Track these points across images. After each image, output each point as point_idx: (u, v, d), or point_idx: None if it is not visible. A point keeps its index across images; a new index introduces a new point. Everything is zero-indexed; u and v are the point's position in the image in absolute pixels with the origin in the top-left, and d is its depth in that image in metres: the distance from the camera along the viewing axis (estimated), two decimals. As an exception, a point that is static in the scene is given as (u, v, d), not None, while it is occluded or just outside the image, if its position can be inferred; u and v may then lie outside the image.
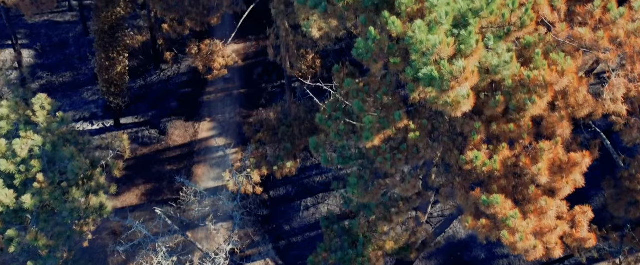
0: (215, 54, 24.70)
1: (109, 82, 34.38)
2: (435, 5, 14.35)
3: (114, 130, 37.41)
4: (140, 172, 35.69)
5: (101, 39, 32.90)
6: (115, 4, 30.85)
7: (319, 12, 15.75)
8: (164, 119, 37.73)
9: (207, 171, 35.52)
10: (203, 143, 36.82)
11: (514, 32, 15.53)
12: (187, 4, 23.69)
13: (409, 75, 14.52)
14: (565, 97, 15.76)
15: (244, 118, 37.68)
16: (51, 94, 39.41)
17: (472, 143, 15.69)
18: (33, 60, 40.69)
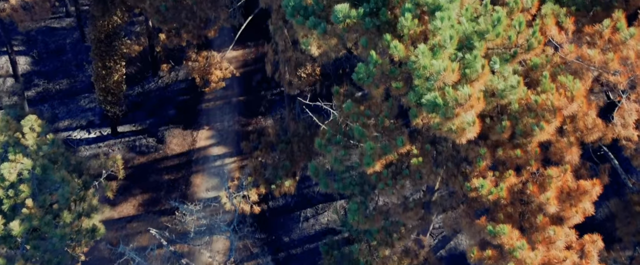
0: (213, 67, 23.94)
1: (106, 90, 33.65)
2: (439, 28, 13.60)
3: (111, 139, 36.69)
4: (137, 181, 34.96)
5: (98, 47, 32.14)
6: (112, 12, 30.08)
7: (317, 33, 15.01)
8: (161, 127, 36.98)
9: (206, 180, 34.80)
10: (201, 152, 36.07)
11: (521, 54, 14.80)
12: (184, 16, 22.94)
13: (411, 100, 13.79)
14: (574, 120, 15.04)
15: (243, 126, 36.92)
16: (47, 101, 38.70)
17: (477, 169, 14.98)
18: (29, 67, 39.91)
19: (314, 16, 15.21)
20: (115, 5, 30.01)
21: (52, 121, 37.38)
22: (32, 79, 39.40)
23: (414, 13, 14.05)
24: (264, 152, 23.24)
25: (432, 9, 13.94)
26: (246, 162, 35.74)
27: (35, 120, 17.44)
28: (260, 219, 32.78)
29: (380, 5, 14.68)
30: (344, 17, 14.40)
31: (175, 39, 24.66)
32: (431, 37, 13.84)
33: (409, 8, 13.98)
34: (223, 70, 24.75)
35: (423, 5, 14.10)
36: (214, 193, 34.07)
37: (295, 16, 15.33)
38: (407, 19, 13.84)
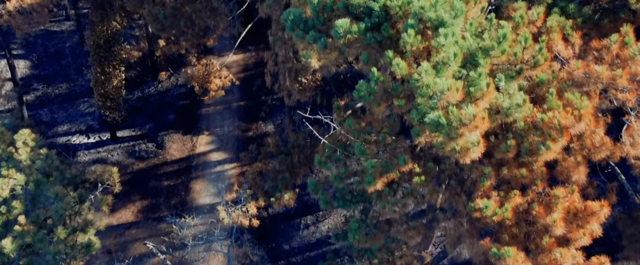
0: (212, 75, 23.44)
1: (105, 96, 33.18)
2: (442, 45, 13.10)
3: (110, 144, 36.22)
4: (136, 187, 34.49)
5: (97, 53, 31.67)
6: (111, 18, 29.58)
7: (318, 47, 14.51)
8: (161, 132, 36.50)
9: (205, 187, 34.31)
10: (201, 157, 35.59)
11: (527, 70, 14.29)
12: (182, 24, 22.44)
13: (414, 118, 13.29)
14: (581, 139, 14.54)
15: (243, 132, 36.42)
16: (47, 105, 38.24)
17: (481, 189, 14.49)
18: (29, 71, 39.44)
19: (314, 30, 14.71)
20: (114, 10, 29.53)
21: (51, 126, 36.94)
22: (32, 83, 38.92)
23: (417, 29, 13.56)
24: (263, 163, 22.73)
25: (436, 25, 13.44)
26: (246, 168, 35.32)
27: (28, 135, 16.98)
28: (260, 226, 32.31)
29: (382, 20, 14.18)
30: (344, 33, 13.90)
31: (174, 47, 24.15)
32: (434, 54, 13.34)
33: (411, 24, 13.47)
34: (222, 78, 24.24)
35: (426, 21, 13.59)
36: (213, 199, 33.60)
37: (295, 30, 14.83)
38: (409, 35, 13.34)
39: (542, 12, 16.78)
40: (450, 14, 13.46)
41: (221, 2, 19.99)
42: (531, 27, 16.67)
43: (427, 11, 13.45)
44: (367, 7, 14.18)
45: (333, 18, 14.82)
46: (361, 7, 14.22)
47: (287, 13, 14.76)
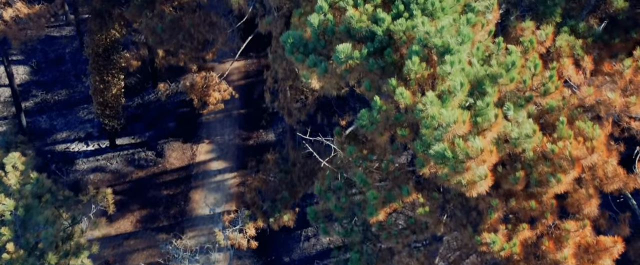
0: (211, 88, 22.70)
1: (104, 104, 32.45)
2: (448, 73, 12.34)
3: (109, 152, 35.50)
4: (135, 196, 33.80)
5: (95, 61, 30.91)
6: (110, 27, 28.83)
7: (318, 72, 13.76)
8: (161, 140, 35.76)
9: (205, 196, 33.60)
10: (201, 166, 34.86)
11: (536, 97, 13.53)
12: (181, 38, 21.69)
13: (418, 150, 12.55)
14: (593, 169, 13.78)
15: (244, 140, 35.68)
16: (46, 112, 37.51)
17: (488, 221, 13.75)
18: (28, 76, 38.70)
19: (314, 54, 13.96)
20: (113, 19, 28.77)
21: (49, 133, 36.24)
22: (31, 89, 38.19)
23: (422, 55, 12.79)
24: (262, 181, 21.99)
25: (442, 51, 12.68)
26: (247, 177, 34.59)
27: (18, 158, 16.25)
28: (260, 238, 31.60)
29: (385, 45, 13.42)
30: (346, 58, 13.14)
31: (172, 59, 23.39)
32: (440, 82, 12.58)
33: (416, 50, 12.70)
34: (221, 91, 23.49)
35: (431, 47, 12.83)
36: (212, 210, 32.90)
37: (294, 53, 14.08)
38: (414, 62, 12.57)
39: (551, 32, 16.02)
40: (456, 39, 12.69)
41: (220, 16, 19.25)
42: (540, 47, 15.92)
43: (433, 37, 12.69)
44: (370, 31, 13.43)
45: (334, 41, 14.07)
46: (363, 31, 13.47)
47: (287, 36, 14.01)
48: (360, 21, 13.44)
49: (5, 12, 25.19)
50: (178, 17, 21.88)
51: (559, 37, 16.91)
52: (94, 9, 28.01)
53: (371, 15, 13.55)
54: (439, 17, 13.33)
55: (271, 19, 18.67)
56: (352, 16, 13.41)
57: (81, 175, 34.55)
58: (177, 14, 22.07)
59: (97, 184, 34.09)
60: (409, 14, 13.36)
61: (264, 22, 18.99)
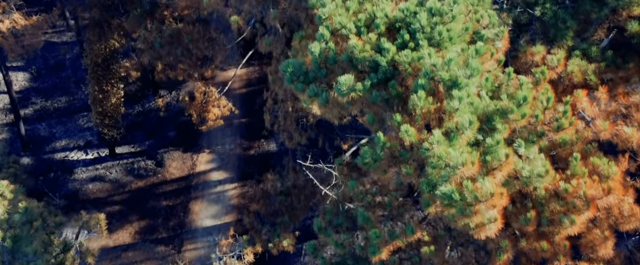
0: (210, 104, 21.86)
1: (103, 114, 31.66)
2: (456, 109, 11.49)
3: (109, 161, 34.72)
4: (134, 207, 33.01)
5: (94, 71, 30.11)
6: (109, 37, 28.01)
7: (318, 102, 12.92)
8: (161, 149, 34.94)
9: (205, 208, 32.79)
10: (201, 176, 34.03)
11: (548, 132, 12.67)
12: (179, 53, 20.85)
13: (424, 189, 11.72)
14: (608, 207, 12.93)
15: (245, 150, 34.85)
16: (45, 120, 36.72)
17: (497, 263, 12.90)
18: (28, 83, 37.92)
19: (315, 83, 13.12)
20: (112, 29, 27.96)
21: (49, 141, 35.47)
22: (30, 96, 37.41)
23: (428, 88, 11.94)
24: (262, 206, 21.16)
25: (449, 85, 11.83)
26: (247, 188, 33.74)
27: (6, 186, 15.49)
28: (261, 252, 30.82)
29: (389, 76, 12.56)
30: (348, 90, 12.29)
31: (171, 73, 22.56)
32: (447, 118, 11.73)
33: (422, 84, 11.84)
34: (221, 107, 22.64)
35: (438, 81, 11.98)
36: (212, 222, 32.11)
37: (294, 82, 13.23)
38: (420, 97, 11.71)
39: (563, 57, 15.15)
40: (465, 72, 11.84)
41: (220, 32, 18.43)
42: (551, 72, 15.05)
43: (440, 70, 11.83)
44: (374, 61, 12.57)
45: (336, 70, 13.23)
46: (366, 61, 12.61)
47: (286, 64, 13.16)
48: (363, 51, 12.59)
49: (2, 24, 24.39)
50: (177, 32, 21.03)
51: (570, 61, 16.05)
52: (93, 18, 27.20)
53: (375, 44, 12.70)
54: (447, 47, 12.48)
55: (271, 39, 17.84)
56: (354, 46, 12.56)
57: (80, 185, 33.79)
58: (176, 27, 21.22)
59: (96, 194, 33.36)
60: (415, 43, 12.51)
61: (264, 42, 18.15)
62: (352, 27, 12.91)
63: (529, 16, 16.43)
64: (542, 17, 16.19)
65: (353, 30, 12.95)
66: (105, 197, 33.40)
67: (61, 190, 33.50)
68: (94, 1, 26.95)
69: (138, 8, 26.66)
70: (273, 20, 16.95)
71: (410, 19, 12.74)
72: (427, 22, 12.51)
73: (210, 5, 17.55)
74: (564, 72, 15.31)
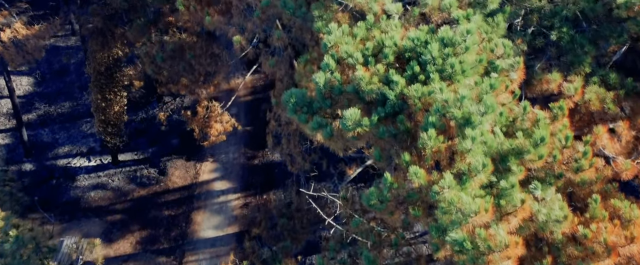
0: (212, 119, 21.02)
1: (106, 122, 30.88)
2: (469, 149, 10.60)
3: (111, 168, 33.96)
4: (136, 216, 32.23)
5: (97, 79, 29.32)
6: (111, 46, 27.22)
7: (323, 135, 12.06)
8: (164, 157, 34.13)
9: (207, 219, 31.97)
10: (204, 186, 33.21)
11: (566, 172, 11.78)
12: (181, 68, 20.01)
13: (433, 234, 10.85)
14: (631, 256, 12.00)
15: (249, 159, 34.01)
16: (48, 125, 35.98)
17: (508, 310, 12.03)
18: (32, 88, 37.18)
19: (318, 114, 12.26)
20: (115, 38, 27.17)
21: (51, 147, 34.76)
22: (34, 100, 36.68)
23: (439, 124, 11.05)
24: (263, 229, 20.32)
25: (461, 123, 10.94)
26: (250, 199, 32.95)
27: (-3, 214, 14.77)
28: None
29: (398, 110, 11.68)
30: (354, 125, 11.42)
31: (173, 87, 21.74)
32: (459, 159, 10.84)
33: (432, 122, 10.95)
34: (224, 123, 21.81)
35: (450, 119, 11.10)
36: (215, 233, 31.33)
37: (297, 112, 12.37)
38: (430, 136, 10.82)
39: (580, 86, 14.20)
40: (478, 109, 10.95)
41: (223, 48, 17.57)
42: (568, 101, 14.11)
43: (452, 107, 10.94)
44: (381, 93, 11.68)
45: (341, 100, 12.37)
46: (374, 94, 11.74)
47: (289, 95, 12.28)
48: (370, 83, 11.70)
49: (3, 33, 23.60)
50: (179, 46, 20.19)
51: (588, 88, 15.10)
52: (96, 27, 26.43)
53: (383, 76, 11.81)
54: (459, 80, 11.58)
55: (275, 60, 16.97)
56: (361, 78, 11.68)
57: (82, 193, 33.07)
58: (178, 41, 20.38)
59: (98, 202, 32.64)
60: (426, 76, 11.61)
61: (268, 63, 17.29)
62: (359, 56, 12.03)
63: (545, 40, 15.49)
64: (559, 41, 15.25)
65: (360, 59, 12.06)
66: (107, 205, 32.67)
67: (63, 198, 32.82)
68: (97, 10, 26.16)
69: (142, 17, 25.88)
70: (277, 41, 16.10)
71: (421, 48, 11.85)
72: (439, 53, 11.62)
73: (213, 24, 16.74)
74: (581, 100, 14.39)
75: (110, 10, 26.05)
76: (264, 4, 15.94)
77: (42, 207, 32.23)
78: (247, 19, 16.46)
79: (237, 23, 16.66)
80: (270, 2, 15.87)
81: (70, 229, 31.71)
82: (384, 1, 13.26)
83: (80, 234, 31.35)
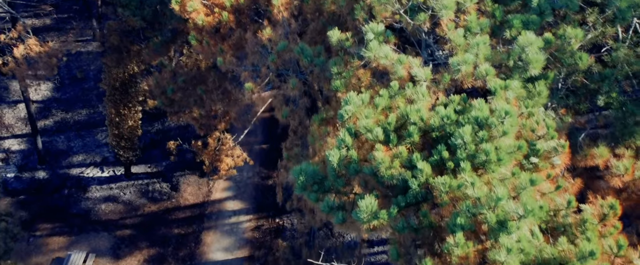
0: (223, 153, 19.40)
1: (119, 136, 29.48)
2: (502, 262, 8.78)
3: (124, 180, 32.57)
4: (145, 232, 30.79)
5: (112, 94, 27.87)
6: (127, 63, 25.75)
7: (334, 221, 10.34)
8: (177, 172, 32.62)
9: (217, 240, 30.42)
10: (216, 205, 31.64)
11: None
12: (192, 102, 18.42)
13: None
14: None
15: (263, 179, 32.38)
16: (64, 132, 34.66)
17: None
18: (50, 93, 35.91)
19: (331, 193, 10.52)
20: (131, 56, 25.69)
21: (66, 155, 33.47)
22: (51, 106, 35.40)
23: (468, 227, 9.24)
24: None
25: (495, 228, 9.12)
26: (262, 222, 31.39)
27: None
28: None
29: (420, 200, 9.88)
30: (370, 217, 9.66)
31: (184, 116, 20.15)
32: (491, 269, 9.04)
33: (461, 224, 9.13)
34: (235, 157, 20.18)
35: (482, 222, 9.28)
36: (224, 255, 29.80)
37: (307, 190, 10.65)
38: (458, 242, 9.02)
39: (631, 164, 12.21)
40: (516, 212, 9.12)
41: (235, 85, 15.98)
42: (615, 180, 12.15)
43: (484, 208, 9.12)
44: (403, 180, 9.88)
45: (357, 179, 10.61)
46: (394, 180, 9.95)
47: (298, 171, 10.53)
48: (391, 167, 9.92)
49: (17, 49, 22.19)
50: (191, 77, 18.57)
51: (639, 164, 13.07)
52: (112, 44, 24.96)
53: (405, 159, 10.01)
54: (494, 170, 9.74)
55: (289, 111, 15.25)
56: (381, 161, 9.89)
57: (93, 204, 31.74)
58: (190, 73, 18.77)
59: (108, 216, 31.33)
60: (455, 163, 9.79)
61: (281, 113, 15.60)
62: (379, 132, 10.22)
63: (590, 106, 13.50)
64: (607, 107, 13.25)
65: (380, 136, 10.25)
66: (117, 219, 31.30)
67: (73, 209, 31.56)
68: (113, 26, 24.67)
69: (159, 36, 24.35)
70: (292, 91, 14.39)
71: (451, 128, 10.02)
72: (471, 137, 9.78)
73: (225, 65, 15.09)
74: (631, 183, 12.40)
75: (127, 27, 24.56)
76: (280, 47, 14.23)
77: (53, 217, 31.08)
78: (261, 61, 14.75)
79: (251, 65, 14.96)
80: (287, 46, 14.16)
81: (78, 243, 30.41)
82: (410, 63, 11.44)
83: (88, 248, 30.13)
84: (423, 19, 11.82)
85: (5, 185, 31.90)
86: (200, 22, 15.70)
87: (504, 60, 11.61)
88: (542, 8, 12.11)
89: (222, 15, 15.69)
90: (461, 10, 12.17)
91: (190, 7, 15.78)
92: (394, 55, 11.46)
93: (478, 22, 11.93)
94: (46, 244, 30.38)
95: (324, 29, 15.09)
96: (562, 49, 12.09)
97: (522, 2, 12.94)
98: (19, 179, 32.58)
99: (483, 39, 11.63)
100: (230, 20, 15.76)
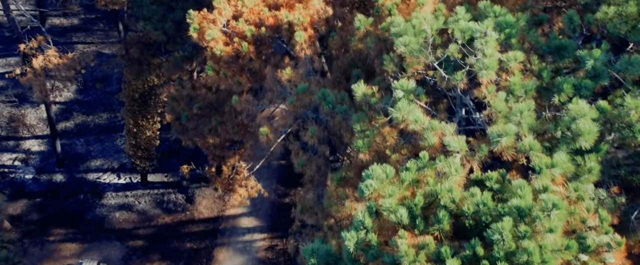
0: (237, 183, 18.05)
1: (137, 146, 28.38)
2: None
3: (140, 188, 31.49)
4: (157, 244, 29.65)
5: (131, 105, 26.77)
6: (146, 75, 24.57)
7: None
8: (193, 183, 31.47)
9: (229, 258, 29.13)
10: (230, 221, 30.34)
11: None
12: (206, 131, 17.09)
13: None
14: None
15: (280, 197, 31.00)
16: (84, 136, 33.70)
17: None
18: (73, 95, 34.98)
19: (344, 278, 9.06)
20: (151, 69, 24.49)
21: (84, 159, 32.50)
22: (73, 108, 34.46)
23: None
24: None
25: None
26: (276, 241, 30.08)
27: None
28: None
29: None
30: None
31: (199, 141, 18.84)
32: None
33: None
34: (249, 188, 18.83)
35: None
36: (235, 274, 28.53)
37: (318, 272, 9.20)
38: None
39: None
40: None
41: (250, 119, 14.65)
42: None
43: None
44: (429, 276, 8.39)
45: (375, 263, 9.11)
46: (419, 275, 8.44)
47: (309, 251, 9.07)
48: (415, 262, 8.40)
49: (36, 60, 21.08)
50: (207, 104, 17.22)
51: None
52: (132, 56, 23.78)
53: (433, 253, 8.48)
54: (536, 273, 8.16)
55: (305, 159, 13.77)
56: (404, 254, 8.38)
57: (107, 212, 30.70)
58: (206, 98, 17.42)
59: (122, 224, 30.29)
60: (490, 263, 8.24)
61: (298, 161, 14.13)
62: (404, 215, 8.68)
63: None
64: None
65: (405, 219, 8.72)
66: (131, 229, 30.22)
67: (88, 215, 30.58)
68: (134, 38, 23.47)
69: (180, 51, 23.09)
70: (311, 139, 12.90)
71: (487, 218, 8.45)
72: (511, 231, 8.20)
73: (240, 104, 13.69)
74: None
75: (149, 39, 23.35)
76: (301, 89, 12.76)
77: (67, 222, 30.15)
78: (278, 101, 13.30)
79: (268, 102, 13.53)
80: (308, 88, 12.68)
81: (90, 251, 29.42)
82: (444, 130, 9.86)
83: (100, 257, 29.14)
84: (460, 78, 10.24)
85: (23, 187, 31.09)
86: (219, 52, 14.31)
87: (550, 129, 9.96)
88: (598, 71, 10.44)
89: (242, 46, 14.27)
90: (503, 69, 10.54)
91: (209, 35, 14.39)
92: (425, 119, 9.89)
93: (522, 84, 10.29)
94: (59, 249, 29.44)
95: (349, 69, 13.57)
96: (618, 119, 10.39)
97: (574, 58, 11.24)
98: (37, 181, 31.73)
99: (527, 105, 9.98)
100: (250, 51, 14.35)
